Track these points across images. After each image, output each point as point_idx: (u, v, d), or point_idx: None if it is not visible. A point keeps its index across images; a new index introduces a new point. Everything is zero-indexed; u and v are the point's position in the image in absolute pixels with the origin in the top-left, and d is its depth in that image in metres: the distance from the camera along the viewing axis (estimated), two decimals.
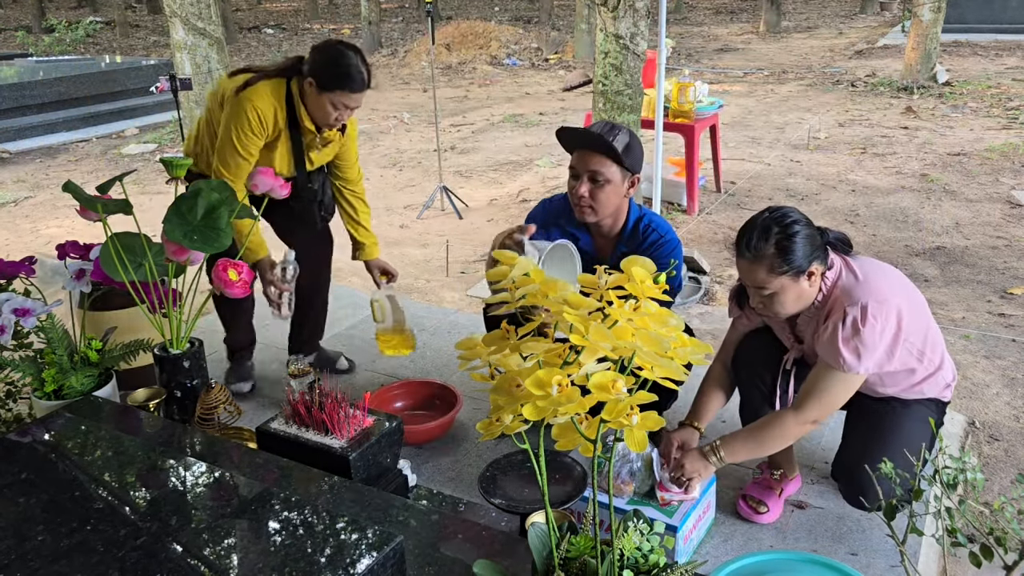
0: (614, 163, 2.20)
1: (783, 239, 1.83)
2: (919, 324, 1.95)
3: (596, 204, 2.23)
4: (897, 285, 1.94)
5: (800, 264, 1.84)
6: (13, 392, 2.37)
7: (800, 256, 1.83)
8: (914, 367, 1.97)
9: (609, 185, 2.21)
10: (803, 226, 1.85)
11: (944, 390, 2.06)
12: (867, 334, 1.83)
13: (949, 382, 2.06)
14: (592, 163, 2.20)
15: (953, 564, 2.02)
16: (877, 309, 1.84)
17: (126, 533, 1.34)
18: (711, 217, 4.94)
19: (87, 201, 2.12)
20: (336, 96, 2.42)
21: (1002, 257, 4.14)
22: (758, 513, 2.13)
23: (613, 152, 2.18)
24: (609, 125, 2.23)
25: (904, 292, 1.94)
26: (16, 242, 5.07)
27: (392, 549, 1.28)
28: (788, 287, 1.87)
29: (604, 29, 4.54)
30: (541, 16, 17.65)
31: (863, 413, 2.06)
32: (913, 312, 1.92)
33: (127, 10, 21.06)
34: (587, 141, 2.21)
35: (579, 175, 2.23)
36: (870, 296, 1.85)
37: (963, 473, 1.20)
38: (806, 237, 1.84)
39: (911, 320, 1.89)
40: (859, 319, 1.84)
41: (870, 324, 1.83)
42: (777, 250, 1.83)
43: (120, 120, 8.75)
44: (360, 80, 2.43)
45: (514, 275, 1.12)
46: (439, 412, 2.58)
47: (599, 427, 1.07)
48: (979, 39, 12.33)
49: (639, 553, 1.24)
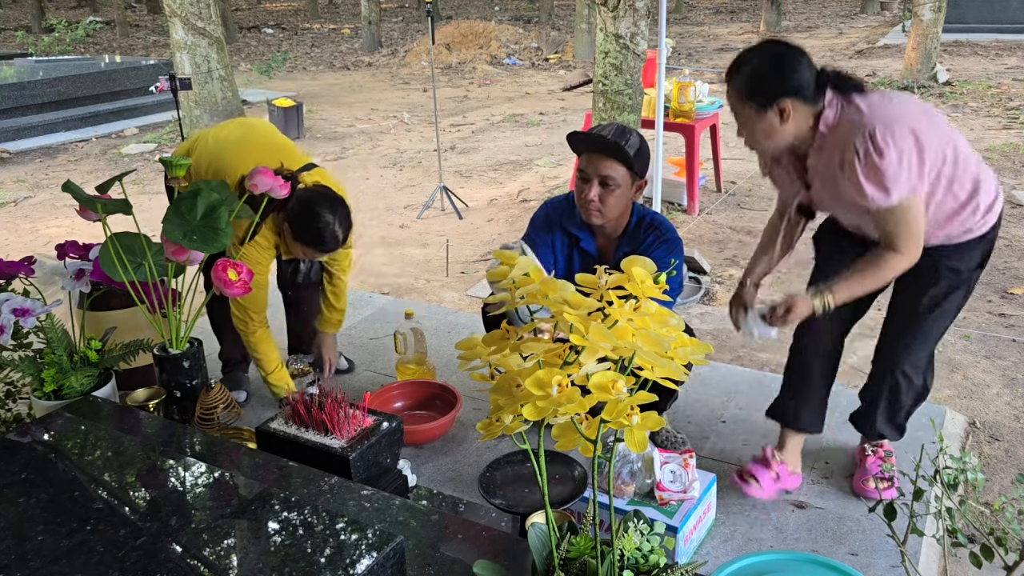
0: (624, 167, 2.20)
1: (756, 69, 1.80)
2: (940, 140, 1.82)
3: (604, 207, 2.23)
4: (907, 105, 1.84)
5: (761, 99, 1.81)
6: (13, 392, 2.37)
7: (766, 90, 1.80)
8: (954, 190, 1.87)
9: (619, 189, 2.21)
10: (788, 60, 1.81)
11: (987, 215, 1.94)
12: (885, 163, 1.74)
13: (991, 202, 1.94)
14: (603, 167, 2.19)
15: (953, 564, 2.02)
16: (886, 131, 1.74)
17: (126, 533, 1.34)
18: (711, 217, 4.94)
19: (87, 201, 2.12)
20: (307, 250, 2.40)
21: (1002, 257, 4.14)
22: (747, 484, 2.14)
23: (625, 156, 2.17)
24: (620, 128, 2.22)
25: (918, 110, 1.84)
26: (15, 242, 5.07)
27: (392, 549, 1.28)
28: (754, 119, 1.85)
29: (604, 29, 4.53)
30: (541, 16, 17.65)
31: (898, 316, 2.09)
32: (932, 128, 1.81)
33: (127, 10, 21.05)
34: (599, 145, 2.20)
35: (589, 178, 2.22)
36: (876, 121, 1.76)
37: (964, 473, 1.20)
38: (785, 71, 1.80)
39: (931, 137, 1.79)
40: (871, 149, 1.75)
41: (883, 151, 1.74)
42: (747, 80, 1.81)
43: (120, 120, 8.74)
44: (332, 243, 2.37)
45: (514, 275, 1.12)
46: (439, 412, 2.58)
47: (599, 427, 1.06)
48: (979, 39, 12.32)
49: (639, 553, 1.24)
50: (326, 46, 15.75)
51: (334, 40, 16.67)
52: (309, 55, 14.64)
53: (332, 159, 7.09)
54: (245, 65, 13.03)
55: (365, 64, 13.41)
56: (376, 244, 4.77)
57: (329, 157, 7.16)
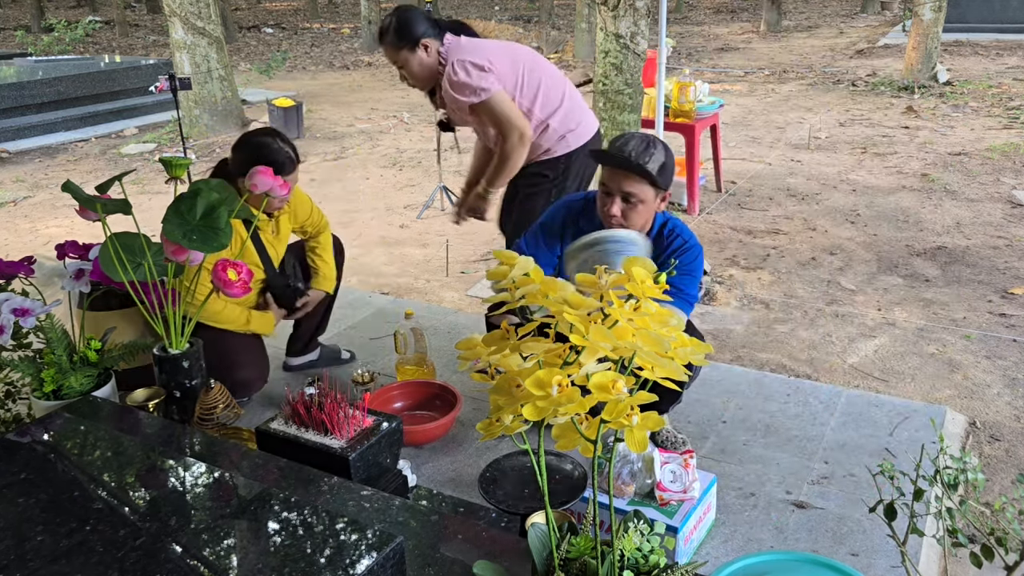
0: (648, 184, 2.15)
1: (394, 23, 2.62)
2: (514, 63, 2.68)
3: (628, 222, 2.19)
4: (487, 42, 2.71)
5: (412, 37, 2.61)
6: (12, 392, 2.37)
7: (410, 31, 2.60)
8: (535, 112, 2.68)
9: (642, 205, 2.17)
10: (412, 13, 2.63)
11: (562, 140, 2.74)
12: (468, 78, 2.59)
13: (569, 131, 2.74)
14: (626, 184, 2.15)
15: (954, 564, 2.02)
16: (470, 55, 2.61)
17: (126, 533, 1.34)
18: (712, 217, 4.94)
19: (86, 201, 2.12)
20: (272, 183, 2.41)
21: (1003, 257, 4.14)
22: None
23: (647, 176, 2.13)
24: (644, 143, 2.16)
25: (497, 45, 2.72)
26: (15, 242, 5.06)
27: (392, 549, 1.27)
28: (410, 59, 2.65)
29: (604, 28, 4.53)
30: (541, 15, 17.64)
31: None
32: (507, 55, 2.68)
33: (126, 10, 21.05)
34: (622, 164, 2.15)
35: (611, 192, 2.18)
36: (461, 52, 2.63)
37: (964, 473, 1.20)
38: (412, 19, 2.62)
39: (504, 60, 2.65)
40: (451, 70, 2.61)
41: (465, 71, 2.59)
42: (394, 29, 2.62)
43: (119, 120, 8.74)
44: (288, 162, 2.44)
45: (514, 275, 1.12)
46: (439, 412, 2.58)
47: (599, 427, 1.06)
48: (980, 39, 12.31)
49: (639, 554, 1.23)
50: (326, 46, 15.75)
51: (334, 40, 16.67)
52: (309, 55, 14.64)
53: (332, 159, 7.09)
54: (245, 65, 13.03)
55: (365, 64, 13.41)
56: (376, 244, 4.77)
57: (329, 157, 7.16)
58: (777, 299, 3.72)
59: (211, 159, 7.20)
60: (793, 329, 3.42)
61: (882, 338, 3.31)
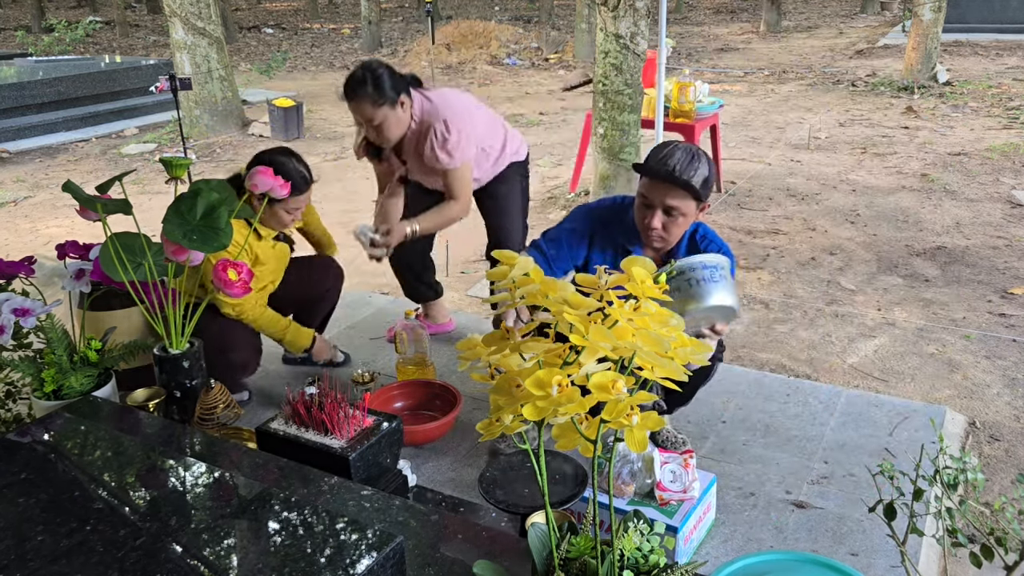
0: (692, 198, 2.11)
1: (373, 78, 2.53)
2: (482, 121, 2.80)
3: (668, 235, 2.16)
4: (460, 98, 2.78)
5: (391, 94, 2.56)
6: (13, 392, 2.37)
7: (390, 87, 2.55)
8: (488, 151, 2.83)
9: (683, 218, 2.13)
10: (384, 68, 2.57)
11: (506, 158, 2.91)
12: (452, 141, 2.64)
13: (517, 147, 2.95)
14: (669, 197, 2.10)
15: (954, 564, 2.02)
16: (452, 119, 2.65)
17: (126, 533, 1.34)
18: (711, 217, 4.94)
19: (87, 201, 2.12)
20: (288, 204, 2.53)
21: (1003, 257, 4.14)
22: None
23: (692, 189, 2.09)
24: (689, 155, 2.10)
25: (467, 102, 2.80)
26: (15, 242, 5.07)
27: (392, 549, 1.27)
28: (389, 116, 2.60)
29: (604, 29, 4.53)
30: (541, 16, 17.64)
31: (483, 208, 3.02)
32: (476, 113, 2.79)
33: (127, 10, 21.05)
34: (668, 178, 2.09)
35: (652, 205, 2.12)
36: (444, 112, 2.66)
37: (964, 473, 1.20)
38: (389, 74, 2.57)
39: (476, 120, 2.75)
40: (444, 131, 2.63)
41: (450, 132, 2.63)
42: (373, 84, 2.53)
43: (120, 120, 8.74)
44: (303, 181, 2.53)
45: (514, 275, 1.12)
46: (439, 412, 2.58)
47: (599, 427, 1.06)
48: (980, 39, 12.32)
49: (639, 553, 1.24)
50: (326, 46, 15.75)
51: (334, 40, 16.67)
52: (309, 55, 14.64)
53: (332, 159, 7.09)
54: (245, 65, 13.03)
55: None
56: None
57: (329, 157, 7.16)
58: (777, 299, 3.72)
59: (211, 159, 7.20)
60: (793, 329, 3.42)
61: (882, 338, 3.32)
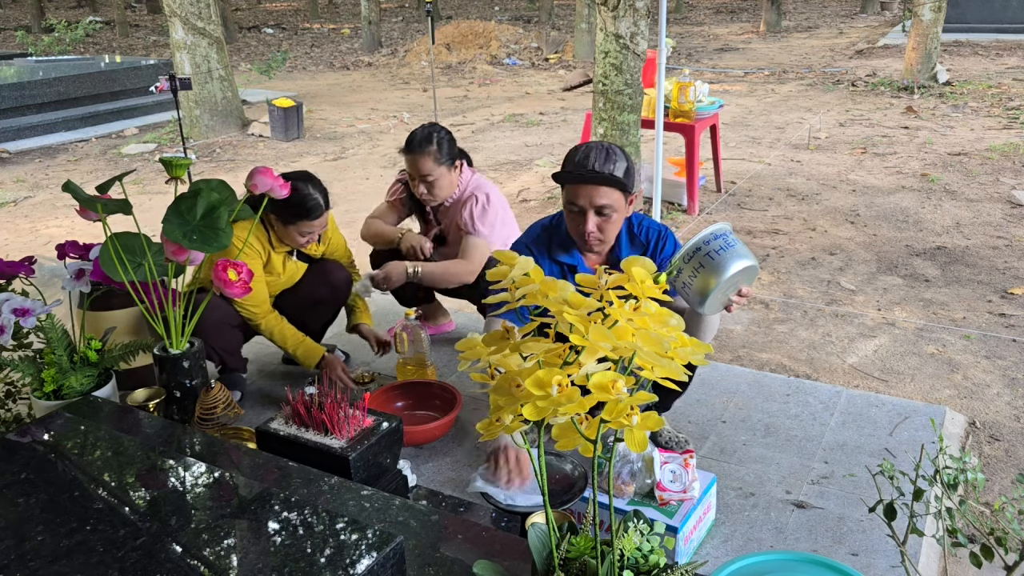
0: (618, 191, 2.12)
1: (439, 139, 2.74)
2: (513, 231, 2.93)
3: (605, 235, 2.17)
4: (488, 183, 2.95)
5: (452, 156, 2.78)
6: (13, 392, 2.37)
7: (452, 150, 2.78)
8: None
9: (616, 214, 2.14)
10: (447, 132, 2.79)
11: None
12: (488, 214, 2.83)
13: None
14: (597, 196, 2.11)
15: (954, 564, 2.02)
16: (497, 201, 2.86)
17: (126, 533, 1.34)
18: (712, 217, 4.94)
19: (87, 201, 2.12)
20: (301, 227, 2.57)
21: (1003, 257, 4.14)
22: None
23: (617, 182, 2.10)
24: (604, 151, 2.13)
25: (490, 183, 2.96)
26: (15, 242, 5.06)
27: (392, 549, 1.27)
28: (444, 175, 2.81)
29: (604, 29, 4.53)
30: (541, 16, 17.65)
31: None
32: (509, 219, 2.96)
33: (127, 10, 21.04)
34: (591, 179, 2.11)
35: (583, 210, 2.13)
36: (485, 188, 2.88)
37: (964, 473, 1.20)
38: (452, 139, 2.79)
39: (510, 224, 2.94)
40: (486, 202, 2.84)
41: (492, 209, 2.84)
42: (439, 143, 2.74)
43: (120, 120, 8.74)
44: (317, 207, 2.56)
45: (514, 275, 1.12)
46: (439, 412, 2.58)
47: (599, 427, 1.06)
48: (980, 39, 12.32)
49: (639, 553, 1.24)
50: (326, 46, 15.75)
51: (334, 40, 16.67)
52: (309, 55, 14.64)
53: (332, 159, 7.09)
54: (245, 65, 13.03)
55: (365, 64, 13.41)
56: None
57: (329, 157, 7.16)
58: (777, 299, 3.72)
59: (211, 159, 7.20)
60: (793, 329, 3.42)
61: (882, 338, 3.32)
